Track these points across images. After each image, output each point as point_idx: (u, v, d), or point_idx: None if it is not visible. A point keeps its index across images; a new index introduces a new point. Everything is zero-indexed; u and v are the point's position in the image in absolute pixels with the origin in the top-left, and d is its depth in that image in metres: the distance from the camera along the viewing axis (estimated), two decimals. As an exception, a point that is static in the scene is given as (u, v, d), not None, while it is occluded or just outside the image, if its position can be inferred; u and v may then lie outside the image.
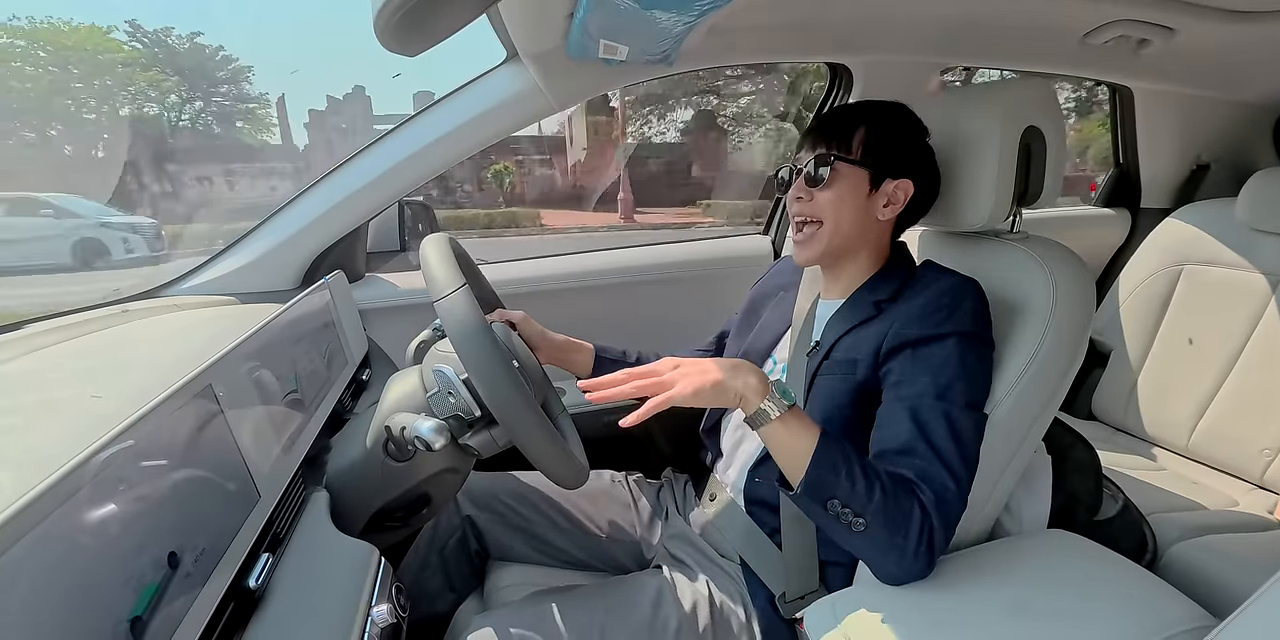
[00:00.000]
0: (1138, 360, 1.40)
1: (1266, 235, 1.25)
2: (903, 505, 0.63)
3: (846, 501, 0.63)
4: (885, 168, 0.78)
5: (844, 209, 0.78)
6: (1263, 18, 1.09)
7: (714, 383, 0.65)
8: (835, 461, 0.64)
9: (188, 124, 20.04)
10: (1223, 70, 1.38)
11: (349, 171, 1.11)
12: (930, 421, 0.67)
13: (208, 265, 1.09)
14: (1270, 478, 1.17)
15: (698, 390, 0.64)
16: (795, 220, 0.81)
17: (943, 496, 0.64)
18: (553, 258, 1.40)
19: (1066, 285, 0.74)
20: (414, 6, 0.53)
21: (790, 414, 0.65)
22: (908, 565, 0.65)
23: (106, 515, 0.39)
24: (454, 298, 0.65)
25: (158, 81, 19.42)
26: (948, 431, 0.66)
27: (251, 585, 0.53)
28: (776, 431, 0.65)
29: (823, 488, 0.63)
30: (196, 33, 24.35)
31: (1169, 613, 0.61)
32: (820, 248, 0.79)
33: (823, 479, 0.63)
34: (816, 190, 0.78)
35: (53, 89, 18.09)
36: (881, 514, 0.62)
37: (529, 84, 1.06)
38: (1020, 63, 1.33)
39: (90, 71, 18.42)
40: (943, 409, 0.67)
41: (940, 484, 0.65)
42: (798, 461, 0.64)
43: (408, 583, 0.88)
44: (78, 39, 17.56)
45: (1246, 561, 0.92)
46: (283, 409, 0.70)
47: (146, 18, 44.89)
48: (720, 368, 0.66)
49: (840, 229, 0.78)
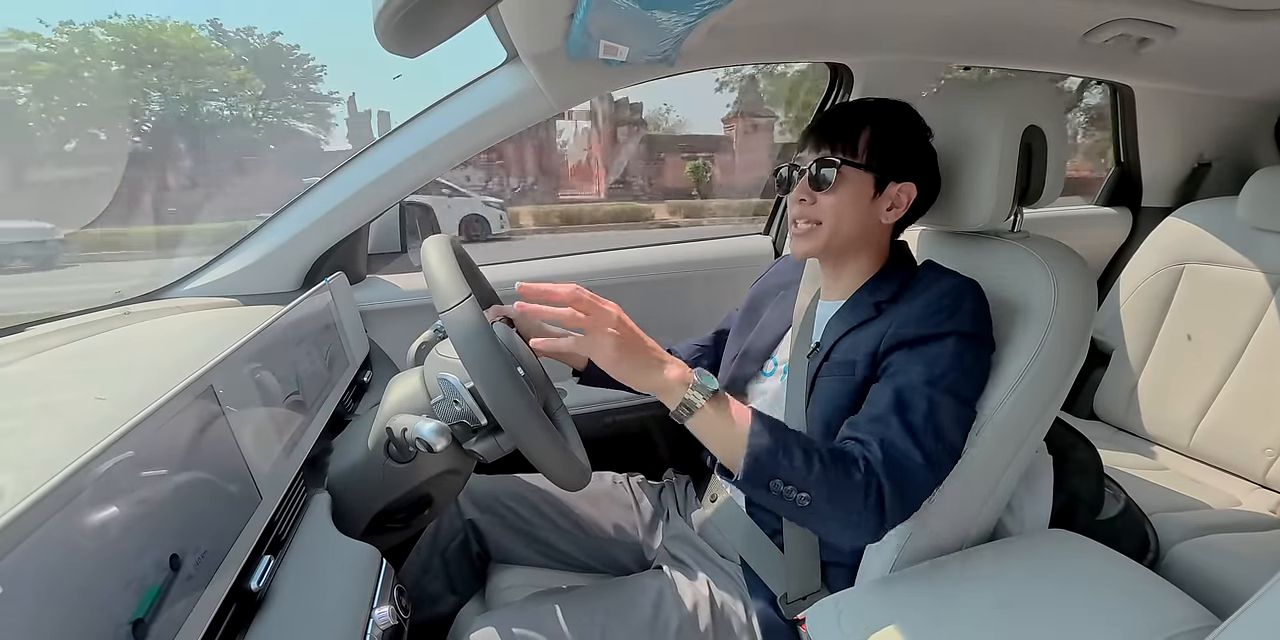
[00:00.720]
0: (1139, 360, 1.40)
1: (1268, 234, 1.25)
2: (846, 471, 0.63)
3: (788, 479, 0.62)
4: (890, 171, 0.77)
5: (846, 213, 0.77)
6: (1265, 16, 1.08)
7: (641, 363, 0.63)
8: (771, 442, 0.62)
9: (273, 121, 20.74)
10: (1224, 68, 1.38)
11: (350, 173, 1.11)
12: (912, 401, 0.67)
13: (209, 267, 1.09)
14: (1273, 477, 1.17)
15: (618, 361, 0.62)
16: (796, 221, 0.80)
17: (899, 462, 0.64)
18: (555, 258, 1.41)
19: (1068, 285, 0.74)
20: (414, 7, 0.53)
21: (715, 401, 0.64)
22: (856, 530, 0.64)
23: (108, 517, 0.39)
24: (460, 310, 0.64)
25: (246, 79, 19.73)
26: (927, 411, 0.66)
27: (253, 587, 0.53)
28: (704, 421, 0.64)
29: (762, 470, 0.62)
30: (276, 32, 24.71)
31: (1171, 613, 0.61)
32: (819, 243, 0.79)
33: (760, 461, 0.62)
34: (820, 193, 0.77)
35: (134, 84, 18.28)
36: (824, 484, 0.62)
37: (529, 85, 1.06)
38: (1021, 62, 1.33)
39: (184, 70, 18.79)
40: (928, 393, 0.67)
41: (901, 451, 0.64)
42: (733, 447, 0.63)
43: (409, 585, 0.89)
44: (168, 36, 18.10)
45: (1249, 561, 0.92)
46: (284, 410, 0.70)
47: (228, 16, 45.59)
48: (651, 351, 0.64)
49: (841, 231, 0.78)
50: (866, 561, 0.77)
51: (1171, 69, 1.38)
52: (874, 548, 0.77)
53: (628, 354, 0.62)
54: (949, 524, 0.74)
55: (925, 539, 0.73)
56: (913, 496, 0.65)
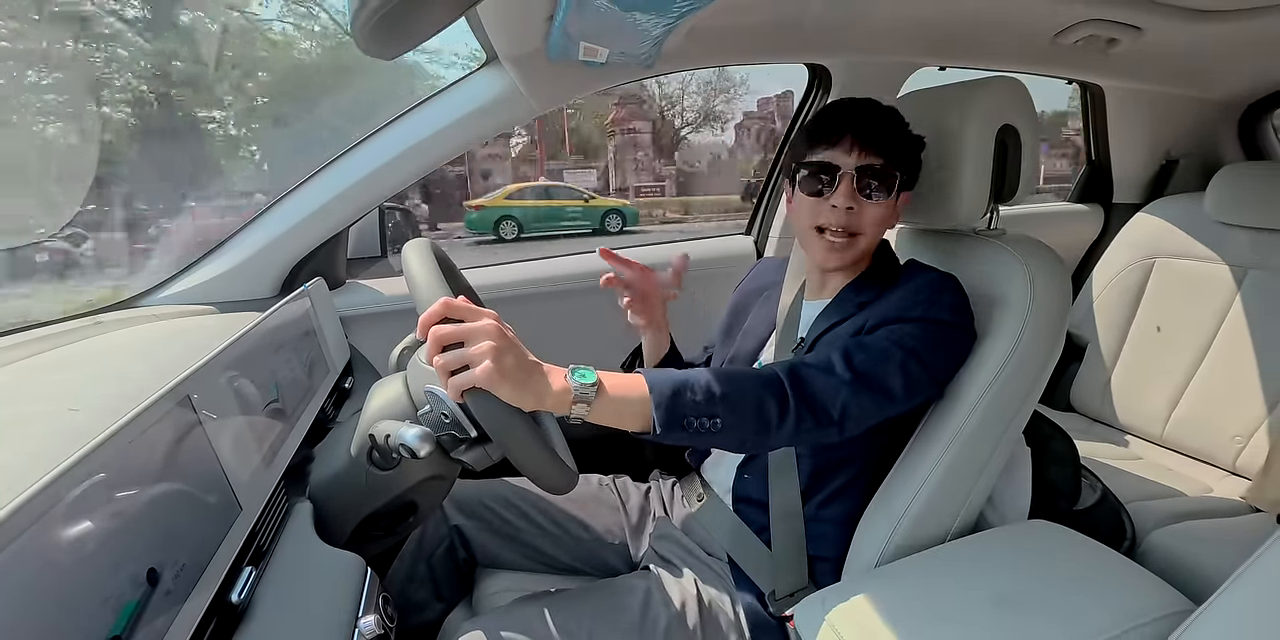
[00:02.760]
0: (1113, 352, 1.43)
1: (1233, 228, 1.29)
2: (744, 386, 0.64)
3: (696, 412, 0.61)
4: (908, 181, 0.80)
5: (885, 224, 0.78)
6: (1225, 17, 1.12)
7: (518, 383, 0.56)
8: (670, 389, 0.61)
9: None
10: (1189, 68, 1.42)
11: (328, 176, 1.10)
12: (868, 342, 0.69)
13: (183, 274, 1.07)
14: (1242, 464, 1.20)
15: (500, 383, 0.54)
16: (835, 230, 0.76)
17: (807, 372, 0.66)
18: (537, 261, 1.40)
19: (1043, 280, 0.76)
20: (392, 9, 0.53)
21: (602, 391, 0.60)
22: (764, 436, 0.64)
23: (82, 532, 0.38)
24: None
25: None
26: (878, 349, 0.68)
27: (234, 600, 0.52)
28: (601, 410, 0.60)
29: (673, 416, 0.61)
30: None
31: (1149, 599, 0.63)
32: (854, 254, 0.79)
33: (669, 409, 0.61)
34: (870, 203, 0.75)
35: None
36: (728, 403, 0.62)
37: (509, 87, 1.06)
38: (995, 62, 1.35)
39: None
40: (884, 343, 0.69)
41: (817, 364, 0.67)
42: (639, 413, 0.61)
43: (395, 593, 0.87)
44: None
45: (1222, 546, 0.95)
46: (263, 419, 0.69)
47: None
48: (521, 365, 0.57)
49: (873, 243, 0.79)
50: (853, 556, 0.78)
51: (1139, 69, 1.42)
52: (860, 543, 0.78)
53: (503, 387, 0.54)
54: (933, 517, 0.75)
55: (910, 533, 0.75)
56: (820, 402, 0.65)
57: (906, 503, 0.75)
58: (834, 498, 0.80)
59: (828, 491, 0.80)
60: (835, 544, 0.79)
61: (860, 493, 0.80)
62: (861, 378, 0.67)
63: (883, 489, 0.79)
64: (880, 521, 0.76)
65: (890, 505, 0.76)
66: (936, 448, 0.75)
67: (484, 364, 0.53)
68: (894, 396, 0.68)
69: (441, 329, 0.55)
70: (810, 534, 0.79)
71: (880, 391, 0.67)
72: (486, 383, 0.54)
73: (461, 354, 0.54)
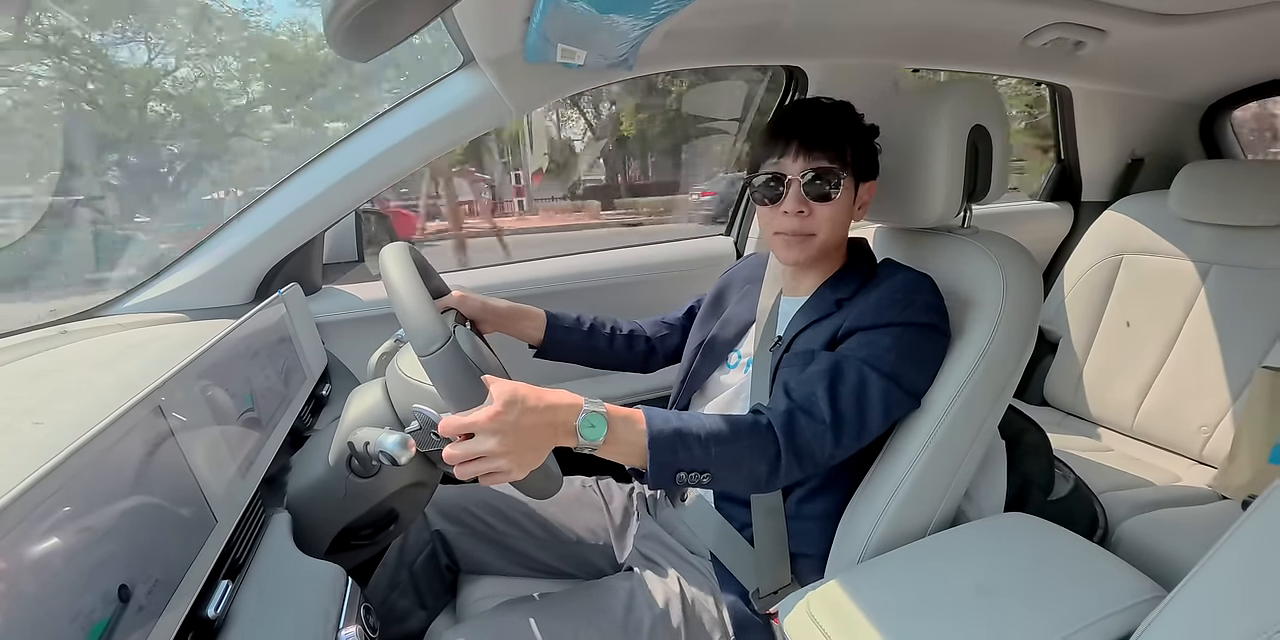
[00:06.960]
0: (1084, 347, 1.46)
1: (1196, 225, 1.33)
2: (741, 441, 0.66)
3: (689, 468, 0.64)
4: (865, 172, 0.81)
5: (840, 221, 0.80)
6: (1186, 20, 1.15)
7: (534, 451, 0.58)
8: (669, 442, 0.63)
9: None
10: (1152, 70, 1.46)
11: (303, 181, 1.08)
12: (846, 372, 0.71)
13: (153, 281, 1.04)
14: (1208, 453, 1.24)
15: (528, 466, 0.58)
16: (786, 233, 0.78)
17: (799, 423, 0.68)
18: (518, 264, 1.39)
19: (1016, 278, 0.77)
20: (367, 10, 0.52)
21: (604, 445, 0.61)
22: (754, 487, 0.70)
23: (50, 549, 0.37)
24: (443, 355, 0.57)
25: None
26: (856, 382, 0.70)
27: (210, 614, 0.51)
28: (609, 448, 0.62)
29: (667, 469, 0.63)
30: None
31: (1122, 587, 0.64)
32: (812, 252, 0.80)
33: (663, 463, 0.63)
34: (820, 205, 0.77)
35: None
36: (721, 460, 0.65)
37: (486, 89, 1.05)
38: (966, 64, 1.38)
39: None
40: (861, 369, 0.71)
41: (807, 412, 0.69)
42: (636, 452, 0.63)
43: (377, 602, 0.86)
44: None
45: (1190, 533, 0.98)
46: (238, 428, 0.67)
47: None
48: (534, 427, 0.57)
49: (832, 239, 0.80)
50: (835, 552, 0.79)
51: (1105, 71, 1.46)
52: (842, 539, 0.79)
53: (532, 465, 0.58)
54: (913, 512, 0.77)
55: (891, 528, 0.76)
56: (809, 453, 0.68)
57: (887, 499, 0.76)
58: (815, 494, 0.81)
59: (808, 488, 0.80)
60: (817, 540, 0.80)
61: (840, 489, 0.81)
62: (845, 421, 0.70)
63: (863, 486, 0.80)
64: (862, 517, 0.77)
65: (871, 501, 0.77)
66: (915, 444, 0.76)
67: (498, 465, 0.56)
68: (876, 428, 0.73)
69: (454, 421, 0.56)
70: (792, 531, 0.80)
71: (863, 428, 0.71)
72: (505, 480, 0.58)
73: (474, 451, 0.56)
